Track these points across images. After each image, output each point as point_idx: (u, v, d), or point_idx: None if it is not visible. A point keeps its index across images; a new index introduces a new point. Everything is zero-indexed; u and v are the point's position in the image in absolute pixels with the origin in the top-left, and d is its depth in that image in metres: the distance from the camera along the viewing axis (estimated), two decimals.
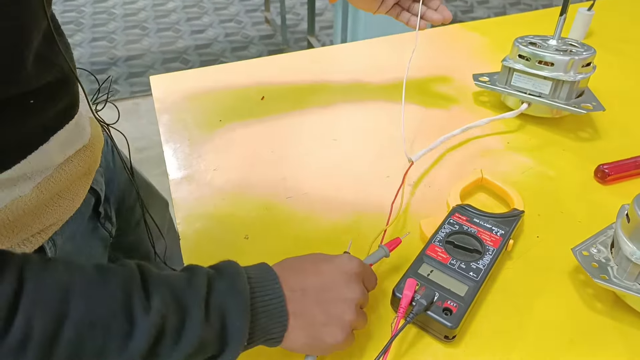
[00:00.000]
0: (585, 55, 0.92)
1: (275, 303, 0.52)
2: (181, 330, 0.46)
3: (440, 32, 1.36)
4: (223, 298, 0.49)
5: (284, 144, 0.93)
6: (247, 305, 0.50)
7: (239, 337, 0.49)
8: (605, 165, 0.86)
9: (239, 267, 0.53)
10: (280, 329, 0.52)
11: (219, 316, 0.48)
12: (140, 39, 3.67)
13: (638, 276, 0.63)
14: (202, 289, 0.48)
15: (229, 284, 0.50)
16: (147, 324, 0.44)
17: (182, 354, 0.47)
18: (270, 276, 0.54)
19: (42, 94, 0.56)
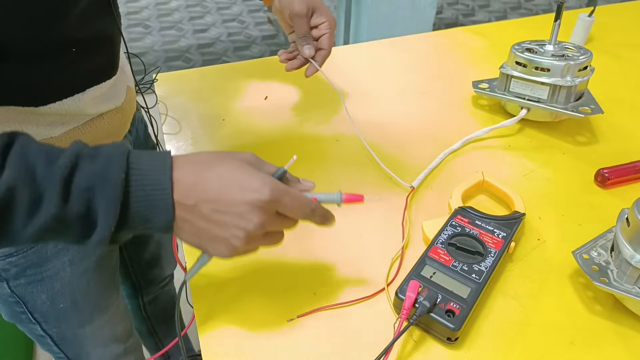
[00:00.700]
0: (581, 59, 0.93)
1: (156, 194, 0.50)
2: (34, 206, 0.46)
3: (442, 36, 1.37)
4: (89, 182, 0.48)
5: (287, 144, 0.94)
6: (116, 193, 0.48)
7: (105, 221, 0.48)
8: (605, 170, 0.86)
9: (123, 152, 0.50)
10: (163, 222, 0.51)
11: (82, 199, 0.48)
12: (142, 37, 3.67)
13: (638, 279, 0.63)
14: (64, 170, 0.47)
15: (100, 168, 0.48)
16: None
17: (36, 229, 0.47)
18: (160, 165, 0.51)
19: (84, 46, 0.64)
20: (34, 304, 0.80)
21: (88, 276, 0.83)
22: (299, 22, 0.83)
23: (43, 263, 0.76)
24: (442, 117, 1.03)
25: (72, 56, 0.63)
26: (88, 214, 0.48)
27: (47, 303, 0.80)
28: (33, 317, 0.82)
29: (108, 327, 0.92)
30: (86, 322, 0.87)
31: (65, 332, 0.86)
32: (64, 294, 0.81)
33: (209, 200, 0.51)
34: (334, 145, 0.94)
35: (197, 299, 0.68)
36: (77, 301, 0.83)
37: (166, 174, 0.51)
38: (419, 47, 1.29)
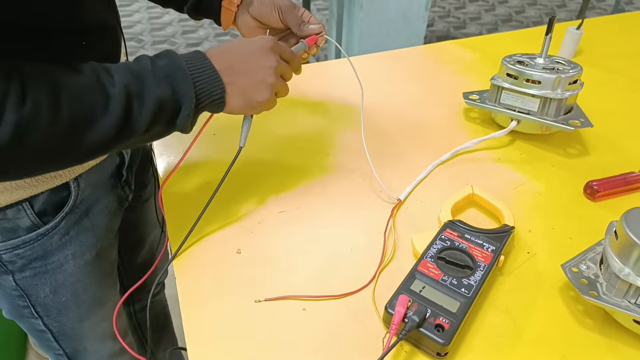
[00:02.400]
0: (571, 72, 0.93)
1: (209, 73, 0.67)
2: (142, 93, 0.61)
3: (433, 49, 1.38)
4: (167, 70, 0.64)
5: (277, 159, 0.94)
6: (187, 74, 0.65)
7: (188, 96, 0.65)
8: (594, 182, 0.87)
9: (174, 52, 0.67)
10: (219, 91, 0.68)
11: (167, 83, 0.63)
12: (135, 52, 3.68)
13: (626, 293, 0.63)
14: (148, 65, 0.63)
15: (169, 61, 0.65)
16: (115, 92, 0.59)
17: (149, 112, 0.62)
18: (200, 55, 0.68)
19: (92, 37, 0.70)
20: (37, 297, 0.81)
21: (88, 268, 0.84)
22: (292, 14, 0.88)
23: (48, 255, 0.78)
24: (432, 129, 1.04)
25: (81, 47, 0.69)
26: (174, 95, 0.64)
27: (50, 296, 0.82)
28: (35, 311, 0.83)
29: (106, 322, 0.93)
30: (85, 316, 0.89)
31: (65, 326, 0.88)
32: (65, 286, 0.82)
33: (236, 59, 0.70)
34: (325, 158, 0.94)
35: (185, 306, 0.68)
36: (78, 294, 0.85)
37: (206, 58, 0.68)
38: (411, 60, 1.30)
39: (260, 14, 0.88)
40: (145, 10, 4.28)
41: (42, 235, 0.75)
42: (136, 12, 4.25)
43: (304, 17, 0.88)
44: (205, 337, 0.65)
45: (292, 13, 0.87)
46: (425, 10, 2.80)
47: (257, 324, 0.66)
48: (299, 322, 0.67)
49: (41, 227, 0.75)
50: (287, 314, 0.68)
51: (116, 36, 0.77)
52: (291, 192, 0.87)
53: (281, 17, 0.87)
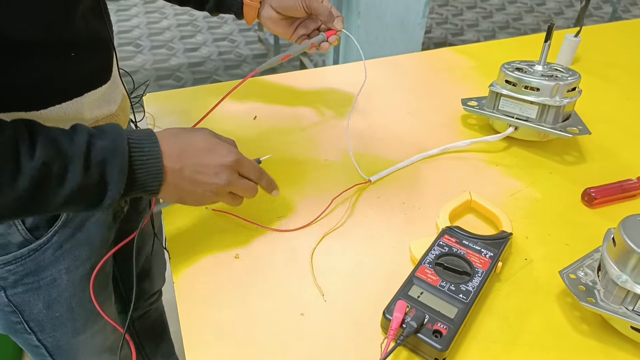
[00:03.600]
0: (570, 80, 0.94)
1: (152, 162, 0.63)
2: (63, 177, 0.57)
3: (430, 55, 1.38)
4: (103, 155, 0.59)
5: (276, 162, 0.94)
6: (124, 161, 0.60)
7: (116, 188, 0.60)
8: (592, 189, 0.87)
9: (122, 130, 0.62)
10: (156, 184, 0.64)
11: (98, 169, 0.59)
12: (133, 56, 3.68)
13: (624, 299, 0.64)
14: (84, 146, 0.58)
15: (110, 143, 0.60)
16: (31, 167, 0.55)
17: (64, 197, 0.57)
18: (151, 139, 0.64)
19: (83, 49, 0.68)
20: (30, 313, 0.80)
21: (84, 283, 0.83)
22: (318, 5, 0.91)
23: (40, 271, 0.76)
24: (430, 135, 1.04)
25: (72, 59, 0.67)
26: (102, 181, 0.59)
27: (44, 312, 0.81)
28: (29, 327, 0.82)
29: (101, 335, 0.92)
30: (80, 330, 0.87)
31: (60, 341, 0.86)
32: (60, 302, 0.81)
33: (190, 164, 0.66)
34: (323, 165, 0.95)
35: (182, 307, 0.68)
36: (73, 309, 0.83)
37: (157, 146, 0.64)
38: (408, 66, 1.30)
39: (284, 7, 0.91)
40: (143, 15, 4.29)
41: (34, 250, 0.74)
42: (134, 17, 4.25)
43: (325, 4, 0.92)
44: (203, 343, 0.65)
45: (317, 3, 0.90)
46: (422, 17, 2.81)
47: (255, 329, 0.66)
48: (297, 327, 0.67)
49: (33, 243, 0.73)
50: (285, 319, 0.68)
51: (107, 48, 0.76)
52: (290, 197, 0.87)
53: (306, 8, 0.90)
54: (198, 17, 4.20)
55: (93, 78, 0.73)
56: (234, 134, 0.85)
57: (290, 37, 0.98)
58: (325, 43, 0.94)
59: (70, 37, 0.66)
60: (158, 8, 4.41)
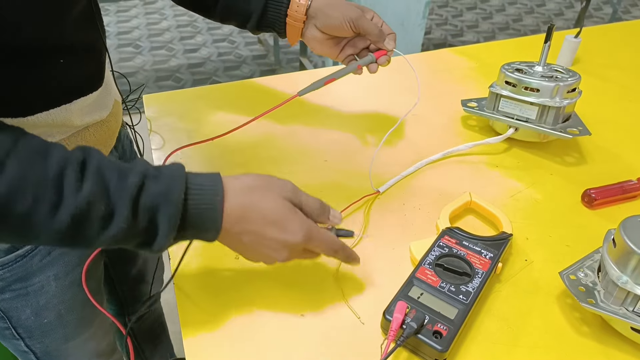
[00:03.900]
0: (570, 81, 0.94)
1: (209, 216, 0.57)
2: (108, 220, 0.52)
3: (430, 57, 1.38)
4: (153, 201, 0.54)
5: (275, 164, 0.94)
6: (176, 211, 0.55)
7: (165, 234, 0.55)
8: (592, 190, 0.87)
9: (182, 174, 0.57)
10: (211, 238, 0.59)
11: (147, 216, 0.54)
12: (133, 57, 3.68)
13: (624, 300, 0.64)
14: (133, 189, 0.53)
15: (163, 189, 0.55)
16: (74, 202, 0.50)
17: (107, 238, 0.53)
18: (214, 189, 0.58)
19: (72, 56, 0.66)
20: (18, 319, 0.79)
21: (74, 289, 0.82)
22: (366, 22, 0.85)
23: (28, 277, 0.75)
24: (430, 136, 1.04)
25: (61, 66, 0.65)
26: (151, 228, 0.55)
27: (32, 318, 0.80)
28: (17, 333, 0.81)
29: (92, 341, 0.92)
30: (70, 336, 0.87)
31: (49, 347, 0.86)
32: (48, 309, 0.80)
33: (251, 232, 0.60)
34: (322, 165, 0.94)
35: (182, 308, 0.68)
36: (62, 315, 0.83)
37: (219, 197, 0.58)
38: (408, 67, 1.30)
39: (330, 27, 0.86)
40: (143, 16, 4.29)
41: (21, 257, 0.73)
42: (134, 18, 4.26)
43: (376, 21, 0.87)
44: (203, 344, 0.64)
45: (365, 21, 0.85)
46: (422, 18, 2.81)
47: (256, 330, 0.66)
48: (297, 328, 0.67)
49: (20, 249, 0.72)
50: (285, 320, 0.67)
51: (99, 55, 0.74)
52: None
53: (353, 28, 0.85)
54: (198, 19, 4.21)
55: (83, 85, 0.71)
56: (234, 134, 0.85)
57: (337, 57, 0.92)
58: (374, 65, 0.88)
59: (59, 45, 0.64)
60: (158, 9, 4.41)
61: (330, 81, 0.85)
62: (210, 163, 0.94)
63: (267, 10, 0.87)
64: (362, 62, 0.87)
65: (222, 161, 0.95)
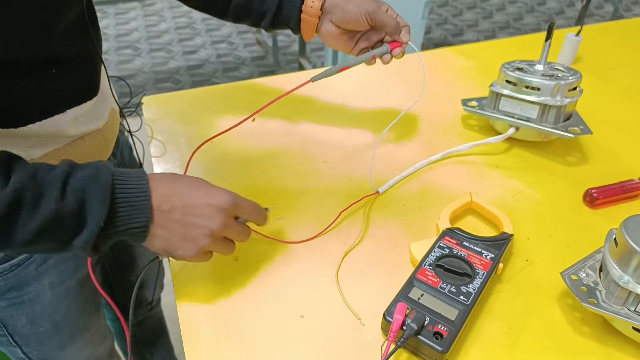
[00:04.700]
0: (571, 79, 0.93)
1: (138, 196, 0.58)
2: (36, 205, 0.52)
3: (430, 56, 1.38)
4: (83, 184, 0.55)
5: (275, 165, 0.94)
6: (106, 192, 0.55)
7: (95, 217, 0.54)
8: (593, 190, 0.86)
9: (108, 164, 0.59)
10: (143, 222, 0.58)
11: (76, 198, 0.54)
12: (132, 59, 3.68)
13: (626, 300, 0.63)
14: (62, 174, 0.55)
15: (91, 173, 0.56)
16: (2, 195, 0.51)
17: (37, 224, 0.53)
18: (139, 175, 0.59)
19: (64, 66, 0.65)
20: (14, 327, 0.79)
21: (69, 298, 0.82)
22: (382, 14, 0.85)
23: (23, 286, 0.75)
24: (430, 137, 1.03)
25: (53, 76, 0.64)
26: (80, 212, 0.54)
27: (27, 326, 0.80)
28: (13, 340, 0.81)
29: (89, 348, 0.92)
30: (67, 343, 0.87)
31: (45, 354, 0.86)
32: (44, 317, 0.80)
33: (181, 205, 0.60)
34: (322, 166, 0.94)
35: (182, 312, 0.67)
36: (58, 323, 0.83)
37: (145, 182, 0.59)
38: (408, 67, 1.30)
39: (346, 21, 0.87)
40: (142, 18, 4.29)
41: (16, 265, 0.73)
42: (133, 20, 4.26)
43: (390, 13, 0.87)
44: (203, 344, 0.64)
45: (382, 13, 0.85)
46: (422, 18, 2.81)
47: (256, 331, 0.66)
48: (297, 329, 0.66)
49: (15, 258, 0.72)
50: (285, 321, 0.67)
51: (93, 64, 0.73)
52: (290, 199, 0.86)
53: (370, 21, 0.85)
54: (196, 20, 4.21)
55: (77, 95, 0.70)
56: (233, 137, 0.85)
57: (351, 51, 0.93)
58: (388, 55, 0.89)
59: (50, 55, 0.63)
60: (156, 11, 4.41)
61: (343, 69, 0.86)
62: (209, 165, 0.93)
63: (282, 7, 0.88)
64: (377, 52, 0.87)
65: (221, 164, 0.94)
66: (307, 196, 0.87)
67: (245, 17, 0.91)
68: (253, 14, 0.90)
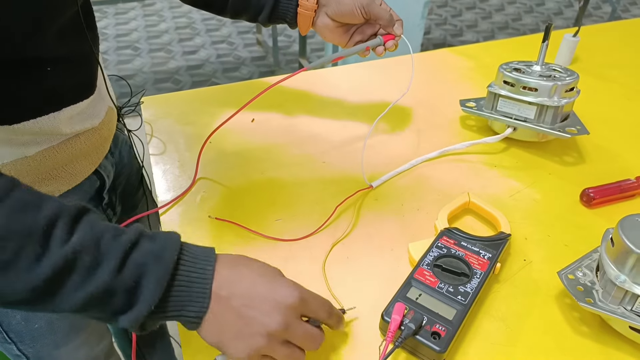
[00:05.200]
0: (568, 80, 0.94)
1: (200, 283, 0.53)
2: (91, 272, 0.48)
3: (429, 56, 1.38)
4: (145, 259, 0.50)
5: (273, 165, 0.94)
6: (166, 273, 0.51)
7: (148, 299, 0.50)
8: (590, 189, 0.87)
9: (178, 239, 0.54)
10: (197, 311, 0.53)
11: (134, 273, 0.50)
12: (132, 59, 3.68)
13: (622, 300, 0.63)
14: (127, 244, 0.50)
15: (157, 248, 0.51)
16: (59, 253, 0.46)
17: (86, 294, 0.48)
18: (207, 257, 0.54)
19: (60, 65, 0.65)
20: (9, 324, 0.80)
21: None
22: (376, 7, 0.88)
23: None
24: (428, 137, 1.04)
25: (47, 74, 0.64)
26: (135, 288, 0.50)
27: (22, 323, 0.80)
28: (8, 337, 0.81)
29: (85, 347, 0.91)
30: (61, 343, 0.86)
31: (40, 352, 0.85)
32: (38, 315, 0.80)
33: (241, 294, 0.54)
34: (321, 166, 0.94)
35: None
36: (53, 322, 0.83)
37: (211, 265, 0.54)
38: (407, 68, 1.30)
39: (341, 14, 0.89)
40: (141, 18, 4.29)
41: None
42: (132, 20, 4.26)
43: (384, 7, 0.89)
44: (203, 346, 0.64)
45: (376, 7, 0.87)
46: (421, 18, 2.81)
47: None
48: None
49: None
50: None
51: (89, 63, 0.73)
52: (289, 200, 0.87)
53: (364, 14, 0.88)
54: (196, 20, 4.21)
55: (72, 93, 0.70)
56: (231, 137, 0.85)
57: (346, 44, 0.95)
58: (381, 47, 0.91)
59: (44, 54, 0.63)
60: (156, 11, 4.41)
61: (337, 59, 0.88)
62: (207, 166, 0.94)
63: (279, 1, 0.90)
64: (370, 44, 0.90)
65: (220, 163, 0.94)
66: (305, 194, 0.87)
67: (243, 12, 0.93)
68: (251, 9, 0.92)
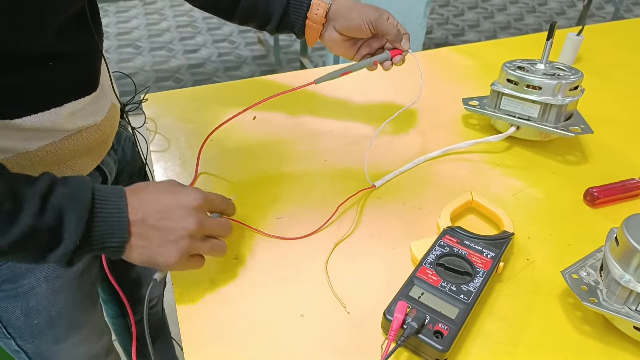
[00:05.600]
0: (572, 78, 0.93)
1: (116, 215, 0.58)
2: (14, 216, 0.53)
3: (431, 55, 1.38)
4: (62, 200, 0.55)
5: (275, 163, 0.94)
6: (84, 210, 0.56)
7: (72, 235, 0.55)
8: (594, 189, 0.86)
9: (89, 180, 0.59)
10: (119, 240, 0.59)
11: (55, 213, 0.55)
12: (133, 58, 3.68)
13: (627, 299, 0.63)
14: (43, 189, 0.55)
15: (71, 190, 0.57)
16: None
17: (14, 236, 0.53)
18: (118, 193, 0.60)
19: (62, 60, 0.65)
20: (9, 319, 0.79)
21: (65, 292, 0.82)
22: (385, 22, 0.88)
23: (17, 279, 0.75)
24: (431, 135, 1.03)
25: (50, 69, 0.64)
26: (57, 227, 0.55)
27: (22, 318, 0.80)
28: (7, 332, 0.81)
29: (85, 344, 0.91)
30: (61, 339, 0.86)
31: (39, 348, 0.86)
32: (38, 310, 0.80)
33: (153, 211, 0.61)
34: (322, 164, 0.94)
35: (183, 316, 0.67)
36: (52, 318, 0.82)
37: (123, 200, 0.60)
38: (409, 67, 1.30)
39: (348, 28, 0.89)
40: (142, 17, 4.29)
41: None
42: (134, 19, 4.25)
43: (392, 22, 0.89)
44: (202, 344, 0.64)
45: (384, 22, 0.87)
46: (423, 18, 2.81)
47: (255, 330, 0.66)
48: (297, 328, 0.66)
49: None
50: (285, 320, 0.67)
51: (93, 59, 0.73)
52: (289, 199, 0.86)
53: (372, 29, 0.88)
54: (197, 19, 4.21)
55: (75, 89, 0.70)
56: (233, 135, 0.85)
57: (353, 57, 0.96)
58: (388, 62, 0.91)
59: (46, 50, 0.63)
60: (157, 9, 4.41)
61: (346, 73, 0.89)
62: (208, 163, 0.93)
63: (288, 12, 0.90)
64: (378, 58, 0.90)
65: (221, 160, 0.94)
66: (307, 192, 0.87)
67: (252, 20, 0.93)
68: (259, 18, 0.92)
